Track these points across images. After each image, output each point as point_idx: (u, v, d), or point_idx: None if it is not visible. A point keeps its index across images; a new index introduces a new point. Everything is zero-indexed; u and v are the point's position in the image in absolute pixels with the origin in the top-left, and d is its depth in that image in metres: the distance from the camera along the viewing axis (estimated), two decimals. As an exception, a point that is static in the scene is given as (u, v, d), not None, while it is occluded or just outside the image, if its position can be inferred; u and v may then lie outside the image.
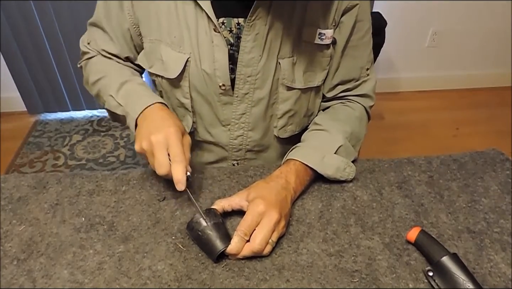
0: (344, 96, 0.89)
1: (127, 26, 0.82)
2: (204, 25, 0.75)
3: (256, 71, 0.78)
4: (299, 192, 0.74)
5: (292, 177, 0.72)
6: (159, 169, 0.65)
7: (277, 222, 0.64)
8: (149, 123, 0.70)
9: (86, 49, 0.88)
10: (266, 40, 0.76)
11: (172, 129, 0.67)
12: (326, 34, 0.78)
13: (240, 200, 0.68)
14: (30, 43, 2.13)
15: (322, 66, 0.83)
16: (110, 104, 0.80)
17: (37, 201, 0.74)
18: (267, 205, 0.64)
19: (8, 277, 0.61)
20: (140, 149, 0.68)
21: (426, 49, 2.51)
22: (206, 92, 0.81)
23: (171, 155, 0.65)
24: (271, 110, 0.85)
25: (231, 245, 0.62)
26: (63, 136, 2.25)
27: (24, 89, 2.30)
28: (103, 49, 0.86)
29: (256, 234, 0.63)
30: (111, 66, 0.85)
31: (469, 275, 0.59)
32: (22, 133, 2.28)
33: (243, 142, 0.88)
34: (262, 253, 0.63)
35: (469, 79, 2.66)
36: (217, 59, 0.77)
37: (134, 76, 0.83)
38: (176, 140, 0.66)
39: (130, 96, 0.77)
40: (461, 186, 0.78)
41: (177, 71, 0.79)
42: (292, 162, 0.75)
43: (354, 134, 0.83)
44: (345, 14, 0.79)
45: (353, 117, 0.86)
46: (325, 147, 0.78)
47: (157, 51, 0.80)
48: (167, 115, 0.72)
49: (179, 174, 0.64)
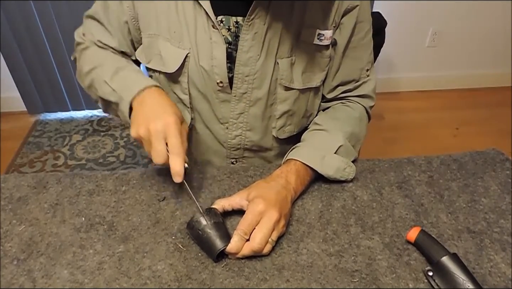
0: (345, 97, 0.89)
1: (125, 19, 0.81)
2: (202, 22, 0.75)
3: (254, 70, 0.78)
4: (299, 192, 0.74)
5: (292, 177, 0.72)
6: (156, 158, 0.65)
7: (277, 221, 0.64)
8: (146, 108, 0.69)
9: (81, 40, 0.87)
10: (264, 39, 0.76)
11: (171, 118, 0.66)
12: (325, 35, 0.78)
13: (240, 199, 0.68)
14: (30, 43, 2.13)
15: (321, 67, 0.83)
16: (103, 92, 0.77)
17: (37, 201, 0.74)
18: (267, 204, 0.64)
19: (8, 277, 0.61)
20: (137, 135, 0.67)
21: (426, 49, 2.51)
22: (204, 89, 0.81)
23: (170, 146, 0.65)
24: (270, 111, 0.85)
25: (230, 244, 0.62)
26: (63, 136, 2.25)
27: (24, 89, 2.30)
28: (99, 39, 0.84)
29: (256, 233, 0.63)
30: (106, 55, 0.83)
31: (469, 275, 0.59)
32: (22, 133, 2.28)
33: (241, 142, 0.88)
34: (262, 252, 0.63)
35: (469, 79, 2.66)
36: (215, 56, 0.77)
37: (129, 63, 0.82)
38: (175, 131, 0.65)
39: (125, 81, 0.75)
40: (461, 186, 0.78)
41: (176, 66, 0.79)
42: (292, 161, 0.75)
43: (354, 135, 0.83)
44: (345, 15, 0.79)
45: (353, 117, 0.86)
46: (325, 147, 0.78)
47: (155, 46, 0.80)
48: (165, 101, 0.70)
49: (177, 165, 0.64)
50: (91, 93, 0.84)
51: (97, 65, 0.80)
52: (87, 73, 0.82)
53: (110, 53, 0.85)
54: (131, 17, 0.81)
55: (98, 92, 0.79)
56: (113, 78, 0.76)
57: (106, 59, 0.82)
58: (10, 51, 2.14)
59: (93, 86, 0.81)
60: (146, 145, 0.67)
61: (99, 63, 0.81)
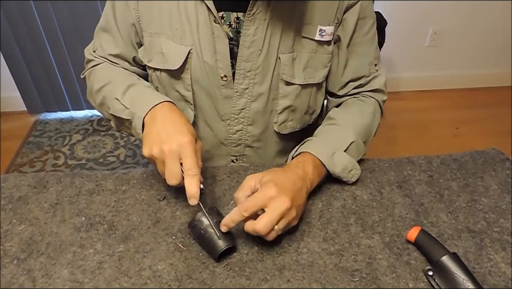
0: (357, 93, 0.90)
1: (132, 22, 0.82)
2: (204, 17, 0.76)
3: (256, 66, 0.79)
4: (315, 184, 0.72)
5: (310, 167, 0.71)
6: (171, 180, 0.64)
7: (287, 209, 0.61)
8: (159, 126, 0.67)
9: (91, 57, 0.88)
10: (265, 35, 0.76)
11: (186, 139, 0.64)
12: (327, 31, 0.79)
13: (255, 182, 0.66)
14: (30, 43, 2.13)
15: (323, 63, 0.83)
16: (115, 109, 0.77)
17: (37, 200, 0.74)
18: (280, 190, 0.62)
19: (8, 277, 0.61)
20: (150, 155, 0.66)
21: (426, 49, 2.51)
22: (207, 85, 0.81)
23: (185, 167, 0.63)
24: (271, 105, 0.85)
25: (225, 217, 0.61)
26: (63, 136, 2.25)
27: (24, 89, 2.29)
28: (109, 53, 0.85)
29: (263, 215, 0.61)
30: (116, 72, 0.84)
31: (469, 274, 0.59)
32: (22, 133, 2.28)
33: (242, 137, 0.88)
34: (265, 238, 0.62)
35: (469, 79, 2.66)
36: (219, 50, 0.77)
37: (140, 80, 0.83)
38: (191, 152, 0.63)
39: (137, 98, 0.75)
40: (461, 186, 0.78)
41: (179, 62, 0.79)
42: (307, 153, 0.74)
43: (366, 129, 0.83)
44: (347, 11, 0.80)
45: (367, 111, 0.86)
46: (337, 143, 0.77)
47: (156, 44, 0.80)
48: (178, 117, 0.69)
49: (193, 188, 0.62)
50: (103, 111, 0.84)
51: (108, 82, 0.81)
52: (98, 90, 0.82)
53: (121, 70, 0.85)
54: (137, 18, 0.81)
55: (110, 110, 0.78)
56: (124, 95, 0.76)
57: (117, 76, 0.82)
58: (10, 51, 2.14)
59: (104, 104, 0.81)
60: (160, 165, 0.66)
61: (110, 80, 0.81)
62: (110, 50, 0.85)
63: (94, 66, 0.87)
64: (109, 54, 0.86)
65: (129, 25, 0.82)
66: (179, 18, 0.77)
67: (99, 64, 0.87)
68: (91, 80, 0.85)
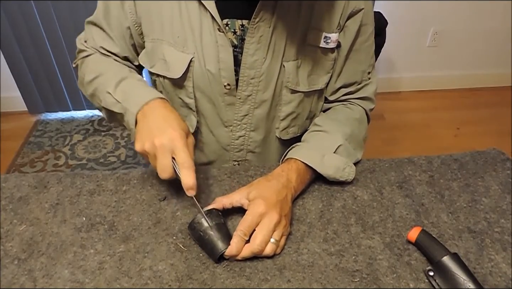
0: (346, 99, 0.90)
1: (127, 25, 0.81)
2: (208, 25, 0.75)
3: (260, 73, 0.78)
4: (299, 191, 0.74)
5: (293, 175, 0.72)
6: (163, 173, 0.64)
7: (277, 222, 0.64)
8: (150, 122, 0.68)
9: (83, 47, 0.86)
10: (270, 42, 0.76)
11: (177, 133, 0.65)
12: (332, 38, 0.78)
13: (240, 197, 0.68)
14: (30, 43, 2.13)
15: (326, 69, 0.83)
16: (107, 102, 0.77)
17: (37, 200, 0.74)
18: (268, 205, 0.64)
19: (8, 277, 0.61)
20: (142, 150, 0.67)
21: (427, 49, 2.51)
22: (210, 92, 0.81)
23: (179, 161, 0.64)
24: (274, 111, 0.85)
25: (230, 246, 0.62)
26: (64, 136, 2.25)
27: (24, 89, 2.30)
28: (101, 46, 0.84)
29: (256, 234, 0.63)
30: (108, 64, 0.83)
31: (469, 275, 0.59)
32: (23, 133, 2.28)
33: (244, 142, 0.88)
34: (263, 254, 0.63)
35: (469, 79, 2.66)
36: (222, 59, 0.77)
37: (132, 73, 0.82)
38: (182, 145, 0.64)
39: (129, 92, 0.75)
40: (461, 186, 0.78)
41: (181, 71, 0.78)
42: (292, 160, 0.75)
43: (353, 136, 0.82)
44: (350, 18, 0.80)
45: (353, 118, 0.86)
46: (325, 147, 0.78)
47: (159, 50, 0.79)
48: (170, 113, 0.69)
49: (190, 179, 0.63)
50: (94, 102, 0.83)
51: (100, 74, 0.80)
52: (89, 82, 0.81)
53: (113, 62, 0.84)
54: (133, 22, 0.81)
55: (102, 103, 0.78)
56: (116, 88, 0.75)
57: (109, 68, 0.81)
58: (11, 51, 2.15)
59: (96, 95, 0.80)
60: (152, 159, 0.67)
61: (102, 72, 0.80)
62: (101, 43, 0.84)
63: (86, 57, 0.85)
64: (100, 47, 0.84)
65: (124, 28, 0.82)
66: (182, 26, 0.76)
67: (90, 55, 0.85)
68: (83, 70, 0.84)
